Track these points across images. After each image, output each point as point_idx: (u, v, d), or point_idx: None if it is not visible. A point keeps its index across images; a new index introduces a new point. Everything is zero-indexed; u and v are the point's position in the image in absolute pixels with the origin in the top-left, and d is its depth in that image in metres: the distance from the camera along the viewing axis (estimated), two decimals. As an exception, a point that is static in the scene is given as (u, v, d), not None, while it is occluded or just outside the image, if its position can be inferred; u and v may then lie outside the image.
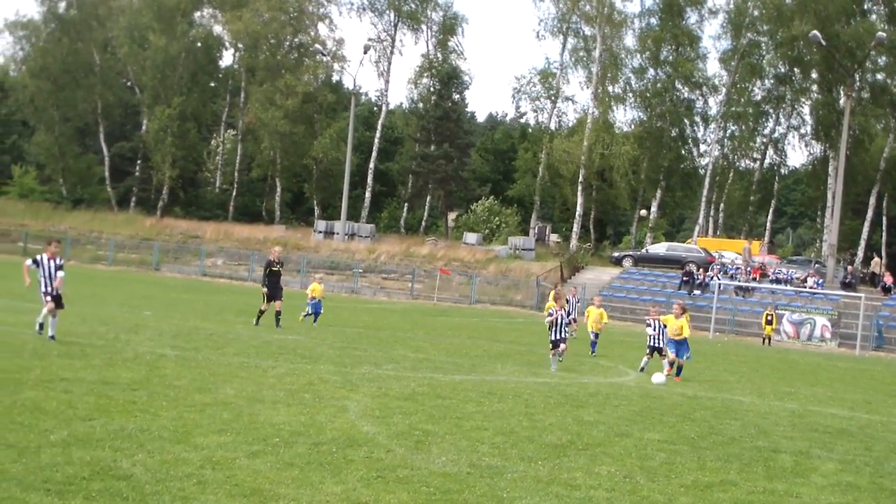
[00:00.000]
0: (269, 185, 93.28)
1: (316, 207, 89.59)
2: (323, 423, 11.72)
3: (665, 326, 23.14)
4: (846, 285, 54.52)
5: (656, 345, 23.22)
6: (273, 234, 71.37)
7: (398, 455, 10.21)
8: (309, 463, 9.43)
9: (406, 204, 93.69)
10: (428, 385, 16.53)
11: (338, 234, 72.43)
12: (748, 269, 58.66)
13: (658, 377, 19.74)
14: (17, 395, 11.82)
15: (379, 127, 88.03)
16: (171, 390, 13.39)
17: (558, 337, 21.83)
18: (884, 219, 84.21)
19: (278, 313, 27.32)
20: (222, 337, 22.37)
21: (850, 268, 60.32)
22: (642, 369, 23.26)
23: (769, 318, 46.98)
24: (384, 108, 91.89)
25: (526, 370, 21.34)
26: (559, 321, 21.86)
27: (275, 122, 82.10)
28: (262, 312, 27.42)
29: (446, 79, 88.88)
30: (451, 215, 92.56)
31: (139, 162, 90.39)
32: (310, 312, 30.81)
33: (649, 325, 23.54)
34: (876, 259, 63.01)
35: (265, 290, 27.39)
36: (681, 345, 22.12)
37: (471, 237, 74.00)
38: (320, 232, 73.86)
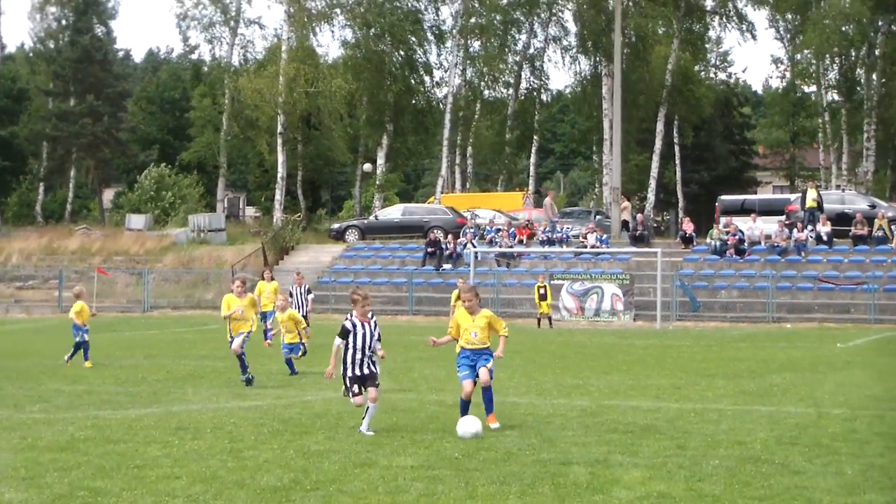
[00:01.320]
0: None
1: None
2: (-56, 497, 11.29)
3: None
4: (637, 239, 56.54)
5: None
6: None
7: (57, 528, 9.95)
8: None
9: (42, 183, 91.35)
10: (93, 427, 16.26)
11: (-53, 232, 69.96)
12: (553, 226, 59.21)
13: (468, 425, 15.34)
14: None
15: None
16: None
17: (357, 372, 16.12)
18: (676, 149, 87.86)
19: None
20: None
21: (640, 216, 62.50)
22: None
23: (542, 291, 47.37)
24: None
25: (227, 392, 21.23)
26: (360, 341, 16.12)
27: None
28: None
29: (83, 6, 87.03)
30: (108, 193, 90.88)
31: None
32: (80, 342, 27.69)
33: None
34: (625, 203, 64.64)
35: None
36: (480, 356, 16.72)
37: (136, 220, 72.88)
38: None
